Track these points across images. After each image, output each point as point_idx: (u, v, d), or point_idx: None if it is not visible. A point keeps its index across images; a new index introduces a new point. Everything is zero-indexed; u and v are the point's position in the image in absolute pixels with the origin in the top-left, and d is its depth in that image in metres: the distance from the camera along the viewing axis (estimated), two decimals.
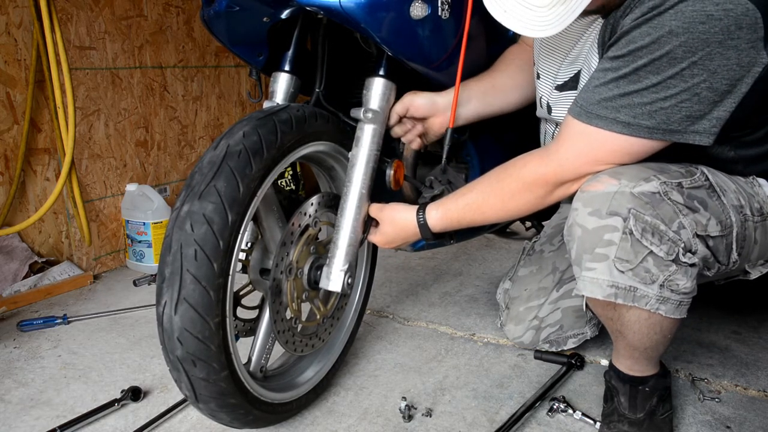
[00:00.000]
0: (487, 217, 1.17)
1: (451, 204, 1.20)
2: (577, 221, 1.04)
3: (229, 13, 1.24)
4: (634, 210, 0.99)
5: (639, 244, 0.99)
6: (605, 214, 1.00)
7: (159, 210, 2.25)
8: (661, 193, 1.01)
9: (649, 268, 1.00)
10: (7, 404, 1.41)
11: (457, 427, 1.29)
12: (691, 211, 1.03)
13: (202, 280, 0.98)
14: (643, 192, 1.00)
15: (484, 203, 1.15)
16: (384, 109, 1.24)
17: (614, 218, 1.00)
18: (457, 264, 2.33)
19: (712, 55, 0.92)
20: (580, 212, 1.04)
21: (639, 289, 1.01)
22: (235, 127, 1.09)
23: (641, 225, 0.99)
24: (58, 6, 1.99)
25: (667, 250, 1.00)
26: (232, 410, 1.08)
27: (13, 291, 2.00)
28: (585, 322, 1.55)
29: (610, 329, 1.16)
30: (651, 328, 1.08)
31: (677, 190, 1.03)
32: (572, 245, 1.06)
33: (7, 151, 2.01)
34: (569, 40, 1.20)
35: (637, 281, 1.00)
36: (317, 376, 1.36)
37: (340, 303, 1.39)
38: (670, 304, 1.02)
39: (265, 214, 1.23)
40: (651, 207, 1.00)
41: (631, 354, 1.18)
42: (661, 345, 1.14)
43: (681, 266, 1.01)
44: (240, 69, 2.80)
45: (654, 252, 0.99)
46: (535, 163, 1.10)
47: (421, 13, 1.13)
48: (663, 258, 1.00)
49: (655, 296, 1.01)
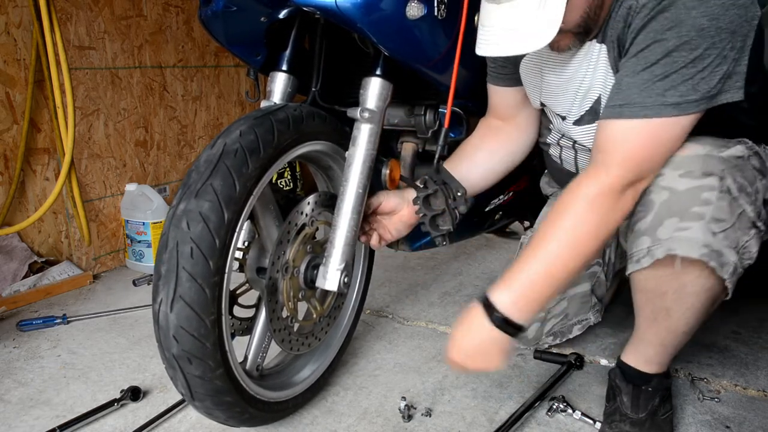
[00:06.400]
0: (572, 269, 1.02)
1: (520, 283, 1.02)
2: (662, 185, 1.03)
3: (227, 13, 1.24)
4: (728, 170, 1.01)
5: (736, 203, 1.01)
6: (700, 174, 1.01)
7: (158, 210, 2.26)
8: (744, 156, 1.05)
9: (738, 230, 1.01)
10: (6, 404, 1.41)
11: (457, 426, 1.29)
12: (763, 176, 1.07)
13: (197, 278, 0.98)
14: (732, 155, 1.04)
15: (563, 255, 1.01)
16: (381, 109, 1.24)
17: (710, 178, 1.01)
18: (456, 264, 2.33)
19: (731, 17, 0.96)
20: (667, 176, 1.03)
21: (724, 254, 1.01)
22: (232, 126, 1.09)
23: (737, 184, 1.01)
24: (57, 6, 2.00)
25: (754, 210, 1.03)
26: (228, 408, 1.09)
27: (13, 291, 2.00)
28: (589, 307, 1.52)
29: (654, 309, 1.12)
30: (705, 302, 1.09)
31: (755, 156, 1.07)
32: (645, 214, 1.04)
33: (6, 150, 2.01)
34: (576, 78, 1.19)
35: (725, 245, 1.01)
36: (314, 375, 1.36)
37: (336, 302, 1.39)
38: (736, 275, 1.04)
39: (262, 212, 1.23)
40: (739, 170, 1.03)
41: (662, 340, 1.16)
42: (691, 333, 1.15)
43: (759, 231, 1.04)
44: (239, 69, 2.80)
45: (746, 211, 1.02)
46: (593, 182, 1.01)
47: (417, 13, 1.13)
48: (749, 218, 1.02)
49: (733, 264, 1.02)
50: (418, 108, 1.38)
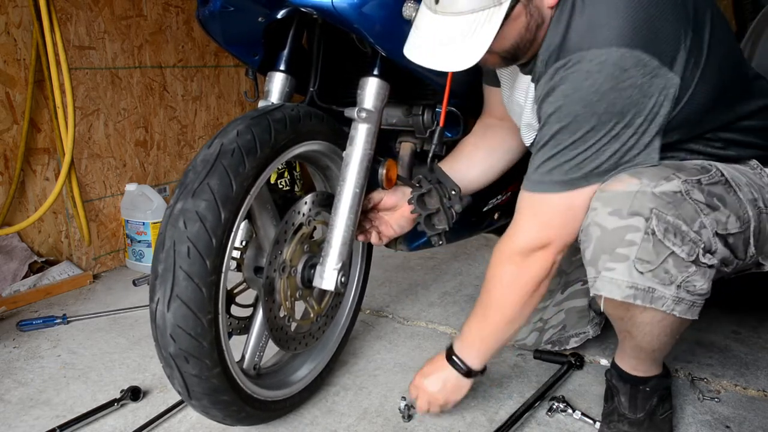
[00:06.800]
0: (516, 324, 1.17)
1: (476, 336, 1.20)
2: (595, 221, 1.03)
3: (224, 13, 1.24)
4: (656, 210, 0.98)
5: (661, 245, 0.98)
6: (626, 214, 1.00)
7: (158, 210, 2.26)
8: (682, 192, 1.01)
9: (669, 269, 0.99)
10: (6, 404, 1.41)
11: (457, 426, 1.29)
12: (711, 209, 1.03)
13: (194, 277, 0.98)
14: (665, 191, 1.00)
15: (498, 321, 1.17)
16: (378, 109, 1.24)
17: (636, 218, 0.99)
18: (456, 264, 2.33)
19: (612, 101, 0.98)
20: (599, 212, 1.03)
21: (657, 290, 1.00)
22: (229, 125, 1.10)
23: (663, 225, 0.98)
24: (57, 6, 2.00)
25: (688, 250, 0.99)
26: (225, 407, 1.09)
27: (13, 291, 2.00)
28: (587, 321, 1.55)
29: (619, 329, 1.15)
30: (662, 330, 1.08)
31: (698, 188, 1.03)
32: (588, 245, 1.05)
33: (6, 150, 2.02)
34: (516, 98, 1.23)
35: (656, 282, 1.00)
36: (311, 374, 1.37)
37: (334, 301, 1.39)
38: (684, 305, 1.02)
39: (259, 212, 1.23)
40: (673, 207, 0.99)
41: (636, 354, 1.18)
42: (668, 346, 1.14)
43: (700, 267, 1.00)
44: (239, 69, 2.80)
45: (675, 253, 0.98)
46: (506, 241, 1.14)
47: (413, 13, 1.13)
48: (684, 259, 0.99)
49: (671, 297, 1.00)
50: (416, 108, 1.38)
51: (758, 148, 1.18)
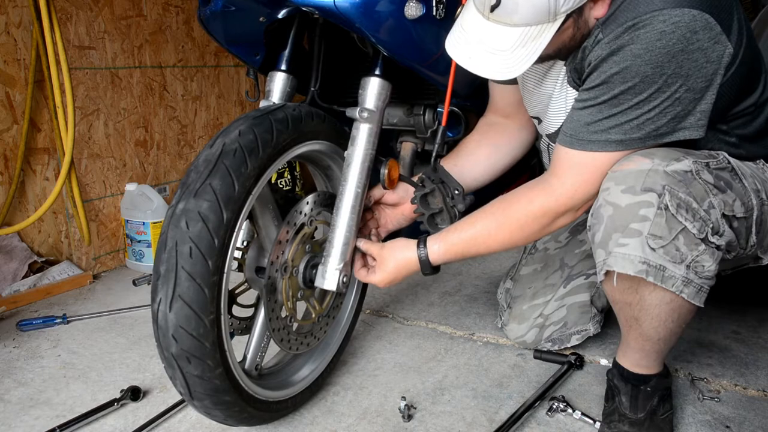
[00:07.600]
0: (492, 249, 1.21)
1: (454, 237, 1.22)
2: (608, 200, 1.05)
3: (226, 12, 1.24)
4: (669, 186, 1.01)
5: (674, 220, 1.01)
6: (640, 190, 1.02)
7: (158, 210, 2.25)
8: (693, 171, 1.04)
9: (680, 246, 1.01)
10: (6, 404, 1.41)
11: (457, 426, 1.29)
12: (719, 191, 1.06)
13: (196, 278, 0.98)
14: (676, 170, 1.03)
15: (490, 237, 1.18)
16: (380, 109, 1.24)
17: (649, 194, 1.01)
18: (456, 264, 2.32)
19: (680, 63, 1.00)
20: (611, 191, 1.05)
21: (668, 269, 1.02)
22: (231, 125, 1.10)
23: (676, 201, 1.01)
24: (57, 6, 2.00)
25: (699, 227, 1.02)
26: (227, 408, 1.09)
27: (13, 291, 2.00)
28: (589, 318, 1.54)
29: (626, 317, 1.15)
30: (669, 314, 1.09)
31: (707, 170, 1.07)
32: (599, 227, 1.07)
33: (6, 150, 2.02)
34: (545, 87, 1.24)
35: (667, 260, 1.01)
36: (313, 374, 1.37)
37: (335, 301, 1.39)
38: (693, 288, 1.04)
39: (261, 212, 1.23)
40: (684, 185, 1.02)
41: (642, 346, 1.18)
42: (673, 337, 1.15)
43: (709, 247, 1.03)
44: (239, 69, 2.80)
45: (687, 228, 1.01)
46: (542, 198, 1.14)
47: (415, 12, 1.13)
48: (694, 236, 1.01)
49: (681, 277, 1.02)
50: (417, 108, 1.38)
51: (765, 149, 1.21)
